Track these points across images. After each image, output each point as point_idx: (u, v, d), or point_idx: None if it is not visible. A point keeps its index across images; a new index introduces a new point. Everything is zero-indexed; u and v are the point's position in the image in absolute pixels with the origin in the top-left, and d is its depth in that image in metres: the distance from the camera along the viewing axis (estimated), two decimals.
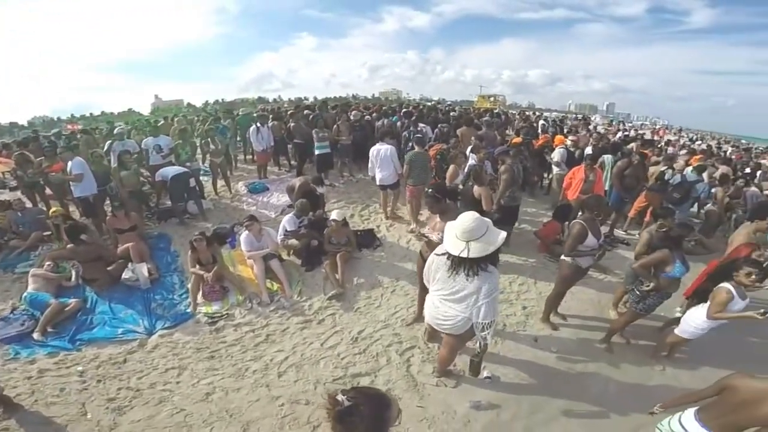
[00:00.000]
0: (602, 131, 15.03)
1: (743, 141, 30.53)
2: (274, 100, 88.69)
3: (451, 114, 11.84)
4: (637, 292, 3.42)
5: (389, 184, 6.07)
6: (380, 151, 5.93)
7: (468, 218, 2.29)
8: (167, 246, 5.50)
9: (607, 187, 6.19)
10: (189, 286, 4.43)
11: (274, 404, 3.09)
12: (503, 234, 2.33)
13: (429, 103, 23.96)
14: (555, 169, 7.14)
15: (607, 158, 6.39)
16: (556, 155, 7.10)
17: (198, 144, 7.27)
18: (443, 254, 2.48)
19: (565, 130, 11.44)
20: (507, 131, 10.50)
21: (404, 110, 10.37)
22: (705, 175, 6.78)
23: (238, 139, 9.38)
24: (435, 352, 3.49)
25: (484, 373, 3.24)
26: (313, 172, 7.81)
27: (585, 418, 3.02)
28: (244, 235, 4.63)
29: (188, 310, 4.21)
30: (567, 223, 5.05)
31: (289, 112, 10.02)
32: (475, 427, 2.91)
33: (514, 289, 4.65)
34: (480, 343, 2.55)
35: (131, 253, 4.71)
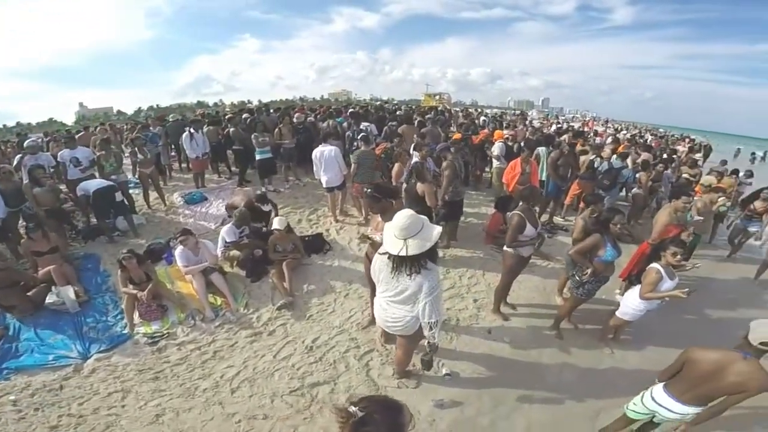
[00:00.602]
0: (538, 125, 15.86)
1: (661, 130, 33.55)
2: (215, 104, 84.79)
3: (397, 113, 11.96)
4: (577, 278, 3.54)
5: (336, 185, 5.99)
6: (324, 152, 5.83)
7: (403, 216, 2.28)
8: (96, 266, 5.04)
9: (543, 178, 6.51)
10: (123, 306, 4.10)
11: (231, 421, 2.95)
12: (438, 229, 2.34)
13: (377, 103, 24.08)
14: (495, 163, 7.40)
15: (542, 150, 6.72)
16: (496, 149, 7.37)
17: (125, 154, 6.71)
18: (384, 254, 2.46)
19: (504, 125, 11.92)
20: (450, 128, 10.76)
21: (351, 111, 10.29)
22: (629, 160, 7.34)
23: (172, 146, 8.79)
24: (393, 353, 3.45)
25: (444, 371, 3.27)
26: (256, 178, 7.54)
27: (546, 405, 3.12)
28: (179, 251, 4.34)
29: (125, 332, 3.93)
30: (508, 213, 5.23)
31: (227, 117, 9.59)
32: (441, 425, 2.91)
33: (464, 282, 4.75)
34: (429, 343, 2.54)
35: (54, 276, 4.28)
